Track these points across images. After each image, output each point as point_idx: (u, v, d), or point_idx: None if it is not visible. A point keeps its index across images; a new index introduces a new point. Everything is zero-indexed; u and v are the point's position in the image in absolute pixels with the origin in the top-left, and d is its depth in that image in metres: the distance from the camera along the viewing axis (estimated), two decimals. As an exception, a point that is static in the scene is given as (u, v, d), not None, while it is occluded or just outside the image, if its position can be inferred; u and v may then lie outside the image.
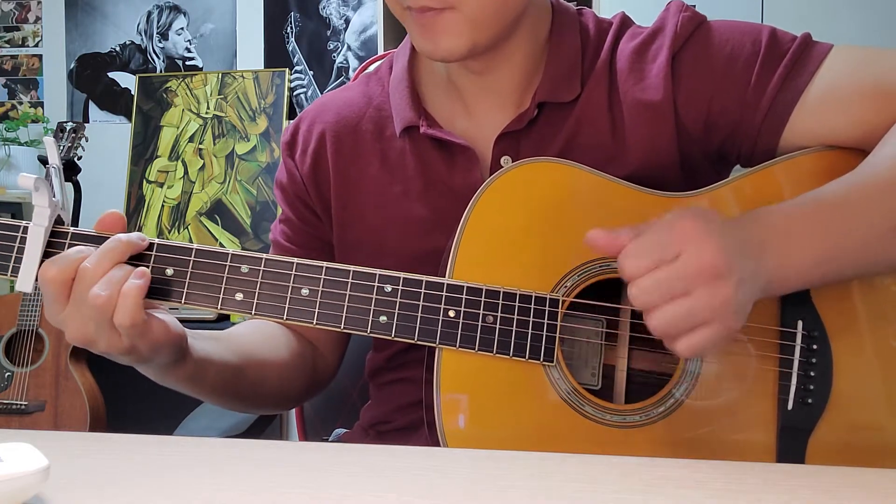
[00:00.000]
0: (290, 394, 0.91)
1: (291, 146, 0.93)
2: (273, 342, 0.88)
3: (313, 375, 0.93)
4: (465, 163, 0.84)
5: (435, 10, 0.75)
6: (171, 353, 0.73)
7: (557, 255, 0.74)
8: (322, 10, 3.04)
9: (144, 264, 0.72)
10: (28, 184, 0.68)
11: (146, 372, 0.77)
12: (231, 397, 0.86)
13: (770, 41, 0.81)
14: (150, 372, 0.76)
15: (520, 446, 0.68)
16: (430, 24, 0.76)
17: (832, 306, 0.74)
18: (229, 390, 0.84)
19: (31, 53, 3.22)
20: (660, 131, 0.81)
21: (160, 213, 3.00)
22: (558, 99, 0.83)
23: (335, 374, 0.97)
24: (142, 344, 0.70)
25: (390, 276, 0.72)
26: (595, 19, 0.89)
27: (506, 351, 0.72)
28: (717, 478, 0.56)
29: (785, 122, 0.79)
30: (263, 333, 0.88)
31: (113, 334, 0.69)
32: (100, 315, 0.67)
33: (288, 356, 0.89)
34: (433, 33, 0.76)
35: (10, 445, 0.49)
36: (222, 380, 0.81)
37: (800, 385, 0.73)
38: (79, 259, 0.69)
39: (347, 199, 0.89)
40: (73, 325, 0.69)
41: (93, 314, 0.67)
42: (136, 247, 0.71)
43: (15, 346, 2.21)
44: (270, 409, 0.98)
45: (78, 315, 0.69)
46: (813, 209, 0.70)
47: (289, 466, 0.58)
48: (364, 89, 0.93)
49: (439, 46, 0.77)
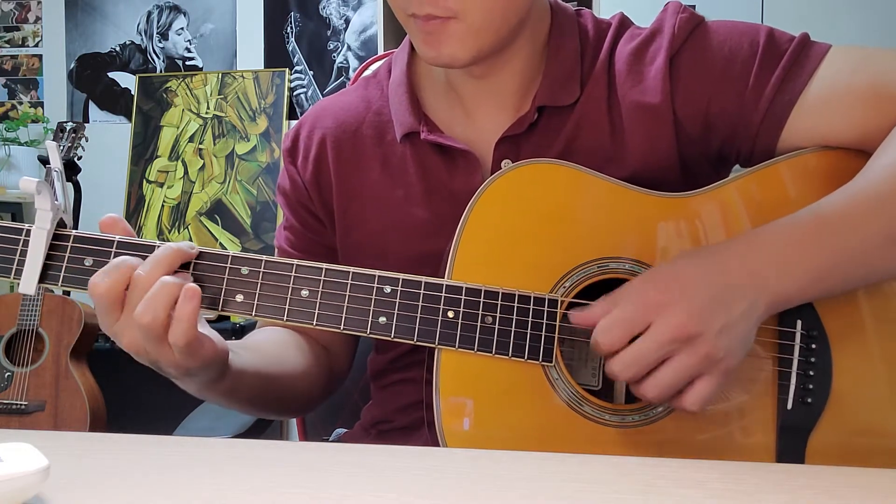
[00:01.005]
0: (312, 397, 0.92)
1: (293, 153, 0.93)
2: (294, 350, 0.89)
3: (330, 377, 0.94)
4: (466, 167, 0.84)
5: (439, 19, 0.75)
6: (217, 369, 0.73)
7: (556, 256, 0.74)
8: (322, 10, 3.04)
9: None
10: (30, 187, 0.68)
11: (187, 386, 0.76)
12: (262, 406, 0.87)
13: (768, 41, 0.81)
14: (193, 387, 0.76)
15: (519, 446, 0.68)
16: (434, 32, 0.76)
17: (831, 306, 0.74)
18: (261, 400, 0.85)
19: (31, 53, 3.22)
20: (659, 133, 0.82)
21: (160, 213, 3.00)
22: (558, 102, 0.83)
23: (348, 374, 0.98)
24: (193, 361, 0.69)
25: (389, 277, 0.73)
26: (594, 20, 0.89)
27: (504, 351, 0.72)
28: (717, 478, 0.56)
29: (783, 123, 0.79)
30: (285, 341, 0.89)
31: (165, 348, 0.68)
32: (150, 332, 0.67)
33: (309, 362, 0.90)
34: (437, 41, 0.77)
35: (10, 445, 0.49)
36: (256, 391, 0.82)
37: (799, 385, 0.73)
38: (128, 268, 0.68)
39: (349, 204, 0.89)
40: (127, 335, 0.68)
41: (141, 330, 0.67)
42: (186, 255, 0.70)
43: (15, 346, 2.22)
44: (293, 414, 0.99)
45: (132, 325, 0.68)
46: (812, 225, 0.70)
47: (289, 466, 0.58)
48: (363, 93, 0.93)
49: (443, 53, 0.77)
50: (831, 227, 0.70)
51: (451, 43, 0.76)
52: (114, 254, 0.72)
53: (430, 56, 0.78)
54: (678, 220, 0.76)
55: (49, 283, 0.72)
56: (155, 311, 0.66)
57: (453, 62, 0.78)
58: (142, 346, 0.68)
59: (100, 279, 0.67)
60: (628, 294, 0.68)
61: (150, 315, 0.66)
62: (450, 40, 0.76)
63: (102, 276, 0.67)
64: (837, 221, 0.70)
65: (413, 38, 0.80)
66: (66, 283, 0.72)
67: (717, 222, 0.77)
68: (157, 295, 0.66)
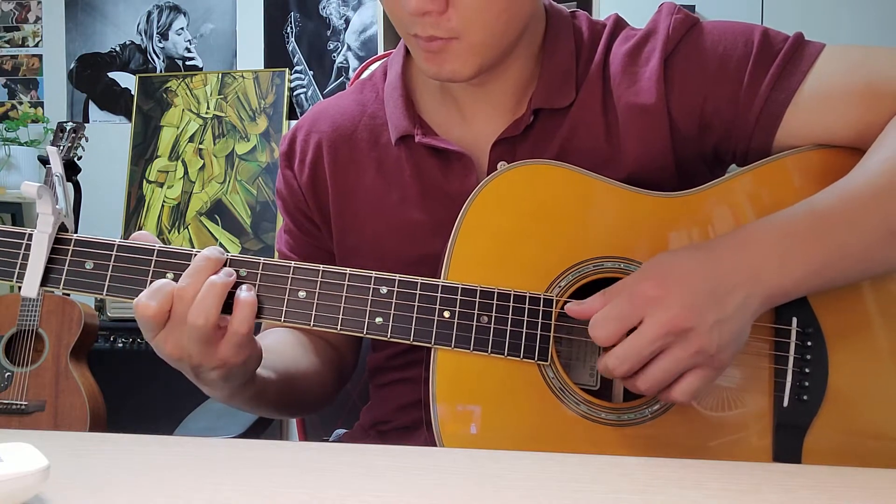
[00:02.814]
0: (325, 396, 0.93)
1: (289, 157, 0.94)
2: (307, 350, 0.90)
3: (340, 375, 0.95)
4: (462, 169, 0.84)
5: (441, 40, 0.75)
6: (252, 368, 0.75)
7: (552, 256, 0.75)
8: (322, 10, 3.04)
9: (146, 268, 0.72)
10: (31, 192, 0.69)
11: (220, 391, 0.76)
12: (283, 407, 0.88)
13: (762, 41, 0.81)
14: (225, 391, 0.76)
15: (515, 445, 0.68)
16: (436, 51, 0.76)
17: (827, 303, 0.74)
18: (283, 401, 0.86)
19: (31, 53, 3.22)
20: (654, 134, 0.82)
21: (160, 213, 3.01)
22: (554, 105, 0.83)
23: (354, 370, 0.99)
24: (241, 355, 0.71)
25: (385, 277, 0.73)
26: (588, 22, 0.89)
27: (500, 351, 0.72)
28: (716, 478, 0.56)
29: (778, 122, 0.79)
30: (297, 342, 0.90)
31: (212, 349, 0.69)
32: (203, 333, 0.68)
33: (321, 361, 0.91)
34: (439, 59, 0.77)
35: (10, 445, 0.49)
36: (280, 393, 0.83)
37: (795, 382, 0.73)
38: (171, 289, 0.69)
39: (345, 208, 0.89)
40: (171, 342, 0.69)
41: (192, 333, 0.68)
42: (220, 261, 0.71)
43: (15, 346, 2.22)
44: (306, 413, 1.01)
45: (175, 333, 0.69)
46: (808, 219, 0.70)
47: (289, 466, 0.58)
48: (358, 97, 0.93)
49: (444, 70, 0.78)
50: (828, 222, 0.70)
51: (453, 60, 0.77)
52: (114, 257, 0.72)
53: (432, 72, 0.79)
54: (673, 219, 0.77)
55: (51, 286, 0.73)
56: (207, 312, 0.67)
57: (455, 78, 0.79)
58: (186, 351, 0.69)
59: (146, 305, 0.68)
60: (623, 288, 0.68)
61: (203, 317, 0.67)
62: (452, 58, 0.77)
63: (149, 302, 0.68)
64: (834, 216, 0.70)
65: (414, 54, 0.80)
66: (68, 286, 0.72)
67: (713, 221, 0.77)
68: (208, 295, 0.68)
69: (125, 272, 0.72)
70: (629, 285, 0.68)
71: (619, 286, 0.69)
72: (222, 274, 0.70)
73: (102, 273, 0.72)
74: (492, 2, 0.74)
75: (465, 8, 0.73)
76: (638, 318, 0.66)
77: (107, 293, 0.72)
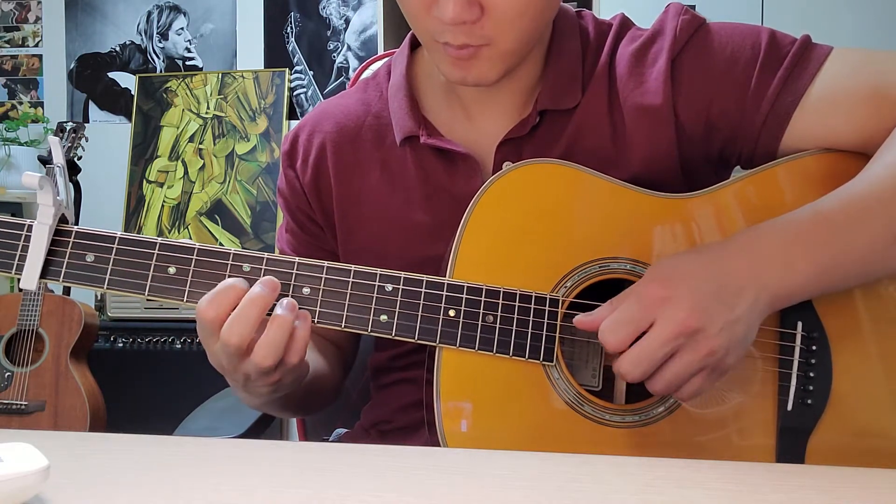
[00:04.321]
0: (334, 394, 0.95)
1: (292, 156, 0.93)
2: (317, 351, 0.91)
3: (344, 374, 0.97)
4: (467, 170, 0.84)
5: (473, 47, 0.75)
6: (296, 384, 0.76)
7: (557, 256, 0.74)
8: (322, 10, 3.04)
9: (147, 262, 0.72)
10: (32, 182, 0.68)
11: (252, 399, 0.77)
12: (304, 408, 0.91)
13: (770, 43, 0.81)
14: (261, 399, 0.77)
15: (519, 446, 0.68)
16: (466, 58, 0.76)
17: (831, 307, 0.74)
18: (305, 402, 0.88)
19: (31, 53, 3.22)
20: (660, 135, 0.81)
21: (160, 213, 3.00)
22: (560, 106, 0.83)
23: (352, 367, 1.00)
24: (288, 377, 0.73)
25: (391, 275, 0.73)
26: (594, 22, 0.89)
27: (505, 350, 0.72)
28: (717, 478, 0.56)
29: (785, 125, 0.79)
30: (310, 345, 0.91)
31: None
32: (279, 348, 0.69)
33: (329, 361, 0.91)
34: (467, 65, 0.77)
35: (10, 445, 0.49)
36: (304, 394, 0.84)
37: (799, 386, 0.73)
38: (231, 295, 0.69)
39: (349, 208, 0.89)
40: None
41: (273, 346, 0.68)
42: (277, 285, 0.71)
43: (15, 346, 2.21)
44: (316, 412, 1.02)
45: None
46: (813, 222, 0.70)
47: (289, 466, 0.58)
48: (362, 96, 0.93)
49: (471, 74, 0.78)
50: (833, 225, 0.70)
51: (481, 66, 0.77)
52: (115, 250, 0.72)
53: (457, 77, 0.78)
54: (679, 220, 0.76)
55: (50, 278, 0.72)
56: (276, 350, 0.68)
57: (481, 82, 0.79)
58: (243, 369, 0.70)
59: (207, 308, 0.69)
60: (630, 294, 0.68)
61: (273, 357, 0.68)
62: (480, 64, 0.77)
63: (210, 306, 0.69)
64: (839, 219, 0.70)
65: (437, 59, 0.80)
66: (68, 278, 0.72)
67: (718, 223, 0.77)
68: (276, 335, 0.68)
69: (126, 265, 0.72)
70: (636, 290, 0.68)
71: (626, 293, 0.69)
72: (287, 310, 0.69)
73: (103, 266, 0.72)
74: (527, 9, 0.73)
75: (501, 16, 0.73)
76: (649, 320, 0.66)
77: (107, 287, 0.72)
